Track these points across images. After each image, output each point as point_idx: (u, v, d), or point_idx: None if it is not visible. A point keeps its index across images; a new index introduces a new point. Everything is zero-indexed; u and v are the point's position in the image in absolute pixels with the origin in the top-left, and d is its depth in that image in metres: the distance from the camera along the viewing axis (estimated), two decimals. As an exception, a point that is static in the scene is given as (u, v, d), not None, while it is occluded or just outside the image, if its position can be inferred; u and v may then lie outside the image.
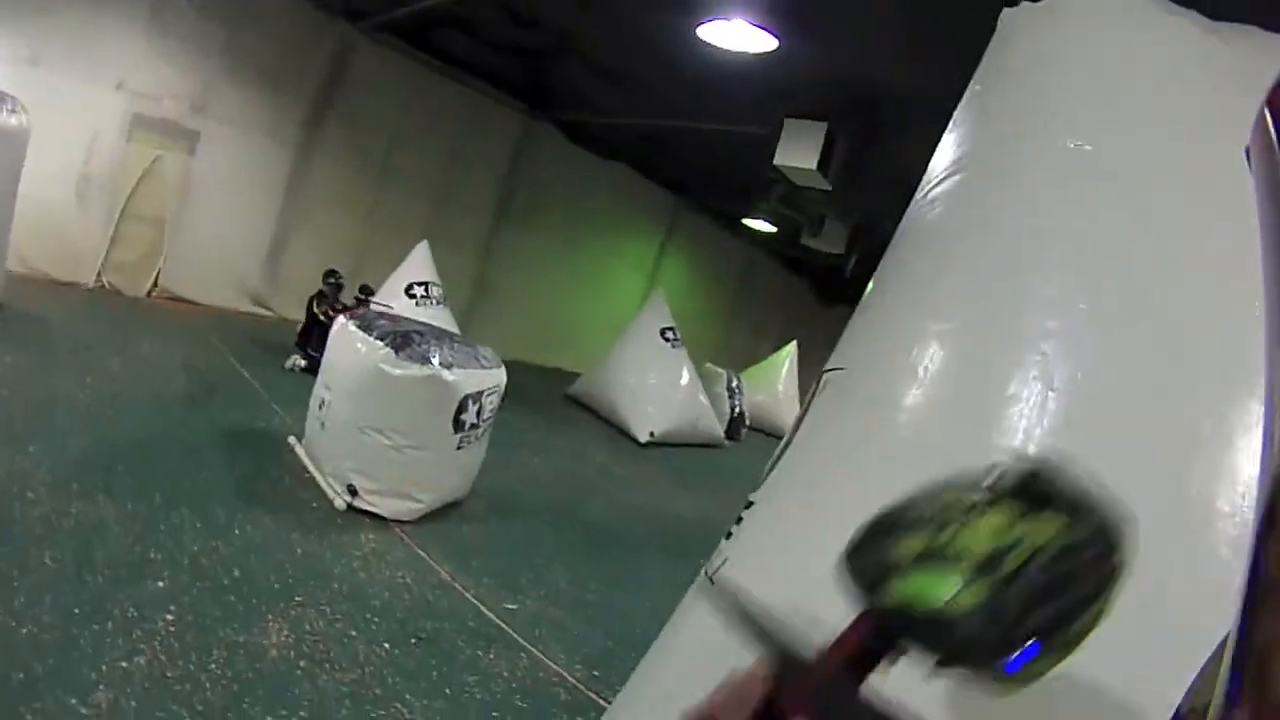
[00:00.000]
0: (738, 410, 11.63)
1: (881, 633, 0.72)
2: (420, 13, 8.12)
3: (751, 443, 11.99)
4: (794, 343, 14.08)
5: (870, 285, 2.04)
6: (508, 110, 10.93)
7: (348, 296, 7.91)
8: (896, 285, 1.89)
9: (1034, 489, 0.71)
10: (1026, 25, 1.80)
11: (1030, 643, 0.65)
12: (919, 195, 1.91)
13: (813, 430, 1.76)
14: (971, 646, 0.66)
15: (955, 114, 1.98)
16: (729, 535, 1.84)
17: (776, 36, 6.03)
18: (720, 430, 10.71)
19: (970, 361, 1.48)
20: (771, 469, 1.85)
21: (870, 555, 0.76)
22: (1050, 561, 0.66)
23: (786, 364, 13.84)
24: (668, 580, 5.02)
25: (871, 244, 10.80)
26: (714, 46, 6.50)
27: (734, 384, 11.82)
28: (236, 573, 3.38)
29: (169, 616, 2.88)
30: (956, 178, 1.76)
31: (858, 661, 0.72)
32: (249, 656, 2.79)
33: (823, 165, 7.36)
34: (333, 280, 7.86)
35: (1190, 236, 1.33)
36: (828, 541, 0.79)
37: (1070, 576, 0.67)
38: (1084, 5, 1.66)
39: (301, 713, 2.59)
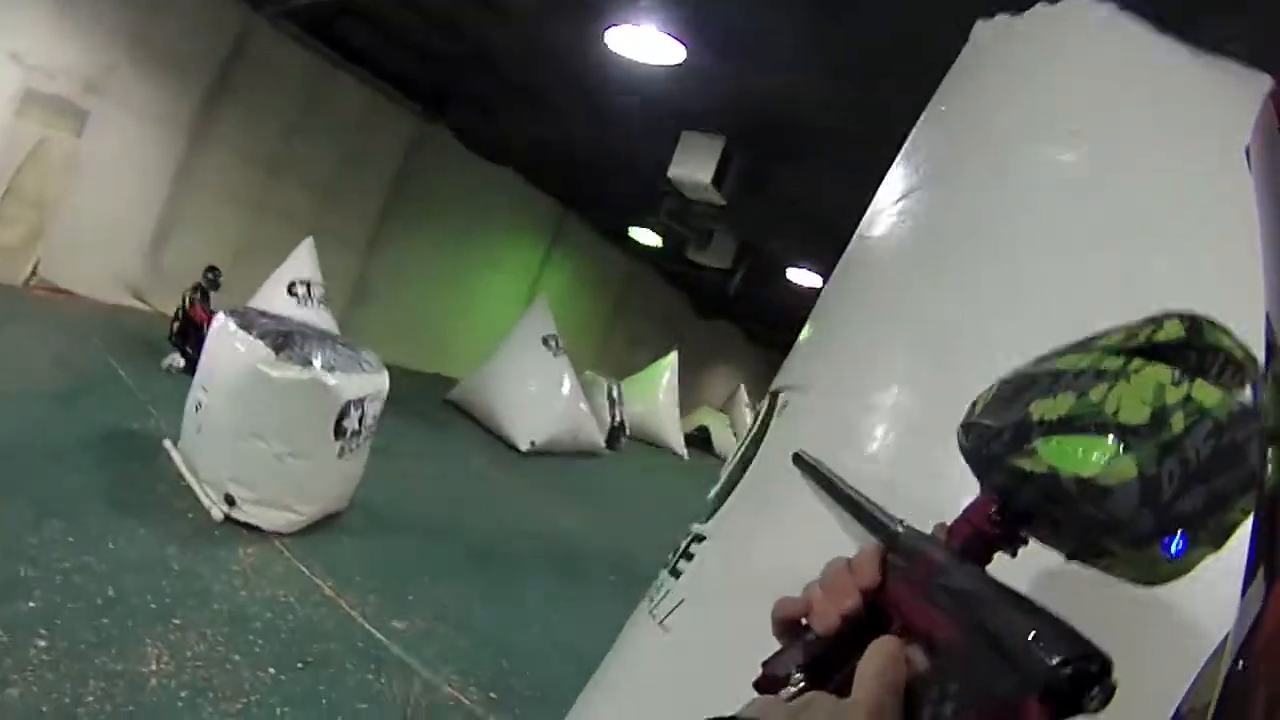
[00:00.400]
0: (618, 419, 11.66)
1: (1006, 515, 0.65)
2: (326, 2, 7.82)
3: (632, 452, 12.06)
4: (674, 353, 14.23)
5: (824, 299, 1.94)
6: (404, 111, 10.66)
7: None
8: (859, 300, 1.77)
9: (1198, 344, 0.62)
10: (1000, 36, 1.76)
11: (1182, 530, 0.57)
12: (880, 207, 1.86)
13: (772, 455, 1.63)
14: (1130, 521, 0.57)
15: (914, 134, 1.95)
16: (675, 572, 1.70)
17: (685, 46, 6.04)
18: (601, 439, 10.70)
19: (944, 387, 1.41)
20: (722, 496, 1.73)
21: (999, 420, 0.67)
22: (1217, 429, 0.57)
23: (667, 374, 13.97)
24: (553, 597, 5.02)
25: (758, 260, 11.04)
26: (620, 56, 6.48)
27: (614, 393, 11.85)
28: (111, 592, 3.12)
29: (41, 643, 2.62)
30: (921, 192, 1.73)
31: (975, 549, 0.65)
32: (128, 687, 2.57)
33: (718, 180, 7.43)
34: (211, 276, 7.47)
35: (1177, 248, 1.28)
36: (803, 577, 0.70)
37: (1233, 452, 0.57)
38: (1060, 18, 1.62)
39: (187, 750, 2.40)
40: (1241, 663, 0.40)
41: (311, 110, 9.82)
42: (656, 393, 13.90)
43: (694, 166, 7.49)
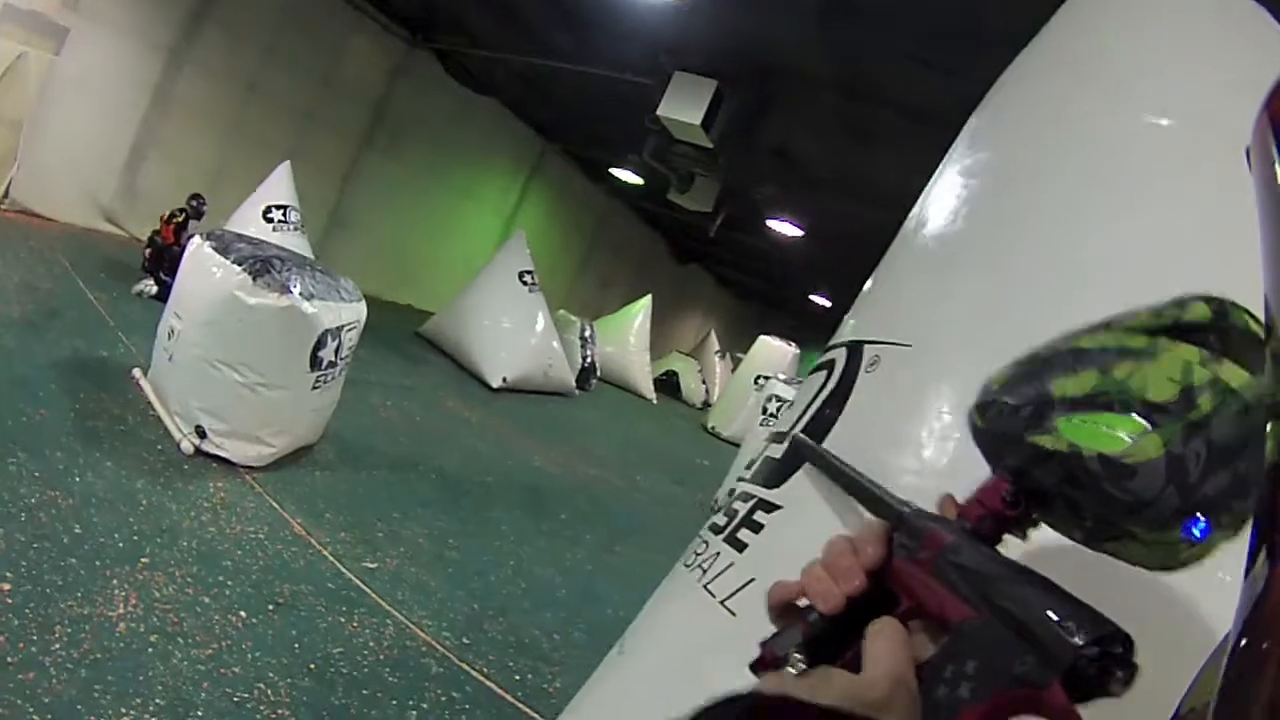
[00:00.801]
0: (589, 360, 11.58)
1: (1020, 496, 0.63)
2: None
3: (601, 393, 12.02)
4: (649, 296, 14.13)
5: (908, 247, 1.74)
6: (388, 36, 10.32)
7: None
8: (963, 254, 1.54)
9: (1224, 326, 0.60)
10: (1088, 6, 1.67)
11: (1206, 512, 0.56)
12: (961, 156, 1.73)
13: (864, 415, 1.45)
14: (1154, 501, 0.56)
15: (993, 93, 1.84)
16: (736, 542, 1.49)
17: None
18: (572, 379, 10.62)
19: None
20: (790, 460, 1.51)
21: (1018, 397, 0.65)
22: (1244, 410, 0.56)
23: (640, 317, 13.89)
24: (524, 535, 4.99)
25: (739, 207, 10.92)
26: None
27: (587, 333, 11.75)
28: (77, 529, 2.98)
29: (5, 586, 2.48)
30: (1009, 147, 1.63)
31: (986, 530, 0.63)
32: (96, 633, 2.45)
33: (707, 123, 7.31)
34: (195, 203, 7.22)
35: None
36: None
37: (1256, 435, 0.54)
38: None
39: (158, 700, 2.29)
40: (1245, 641, 0.40)
41: (292, 33, 9.46)
42: (628, 335, 13.83)
43: (684, 107, 7.35)
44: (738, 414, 12.90)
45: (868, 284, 1.87)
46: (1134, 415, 0.57)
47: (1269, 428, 0.44)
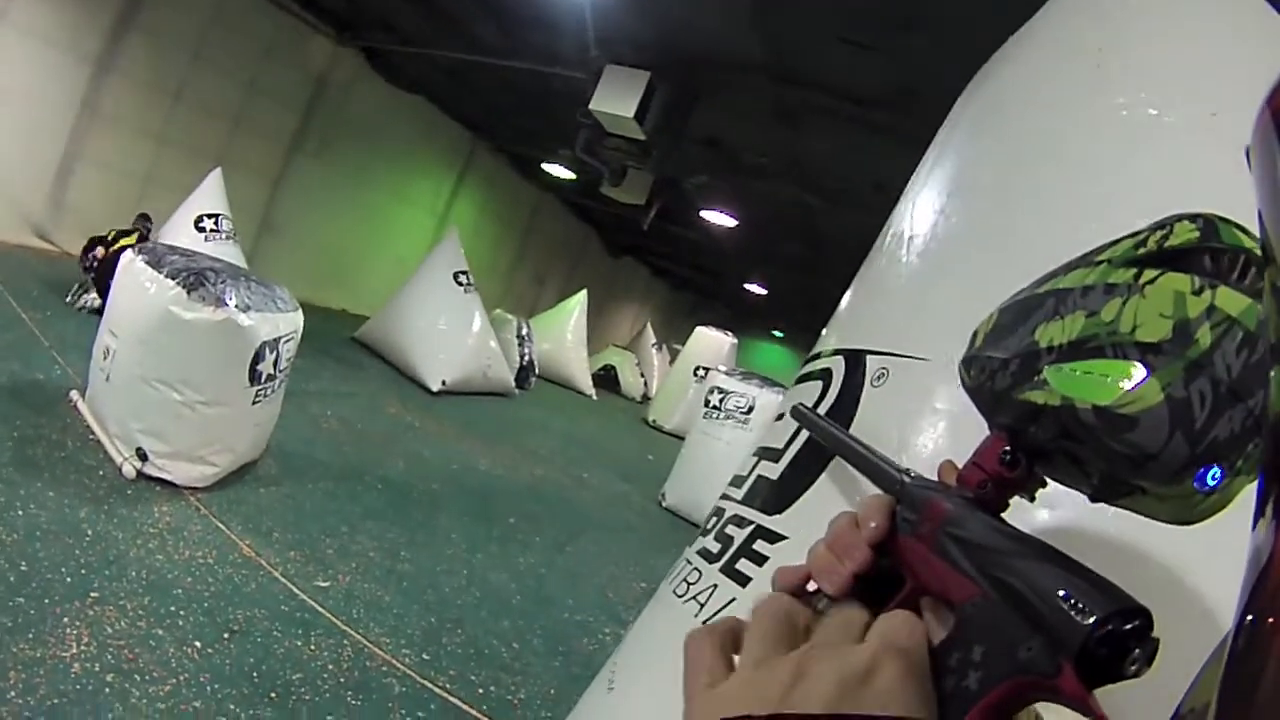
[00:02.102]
0: (527, 358, 11.51)
1: (1019, 455, 0.58)
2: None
3: (541, 391, 11.97)
4: (584, 291, 14.10)
5: (900, 250, 1.62)
6: (315, 36, 10.05)
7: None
8: (976, 261, 1.43)
9: (1215, 245, 0.54)
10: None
11: (1219, 459, 0.50)
12: (953, 151, 1.66)
13: (873, 435, 1.33)
14: (1159, 452, 0.50)
15: (976, 85, 1.75)
16: (735, 574, 1.42)
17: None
18: (511, 378, 10.55)
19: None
20: (791, 484, 1.45)
21: (1003, 350, 0.61)
22: (1248, 339, 0.50)
23: (576, 312, 13.84)
24: (475, 542, 4.96)
25: (674, 197, 10.97)
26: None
27: (524, 331, 11.67)
28: (23, 565, 2.87)
29: (-49, 632, 2.40)
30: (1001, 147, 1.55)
31: (989, 496, 0.58)
32: (51, 676, 2.36)
33: (640, 114, 7.31)
34: (145, 225, 7.11)
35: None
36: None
37: (1265, 367, 0.49)
38: None
39: (120, 742, 2.25)
40: (1250, 617, 0.36)
41: (218, 37, 9.18)
42: (565, 331, 13.78)
43: (617, 100, 7.33)
44: (678, 406, 12.97)
45: (853, 287, 1.79)
46: (1128, 359, 0.52)
47: (1272, 374, 0.40)
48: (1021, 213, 1.41)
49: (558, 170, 12.67)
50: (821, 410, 1.49)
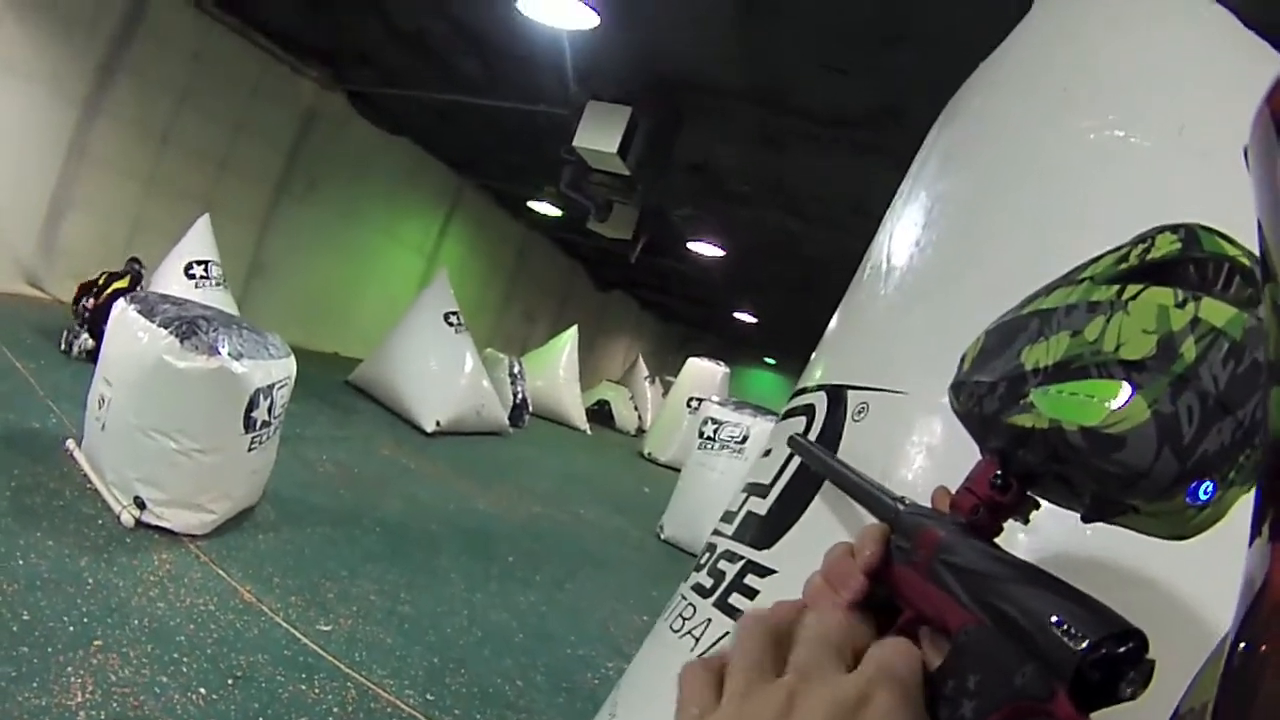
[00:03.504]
0: (520, 396, 11.52)
1: (1011, 479, 0.57)
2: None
3: (535, 429, 11.96)
4: (574, 327, 14.14)
5: (879, 283, 1.63)
6: (300, 79, 10.15)
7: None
8: (953, 292, 1.43)
9: (1198, 255, 0.54)
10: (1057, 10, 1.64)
11: (1210, 473, 0.50)
12: (928, 179, 1.68)
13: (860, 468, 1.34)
14: (1149, 470, 0.50)
15: (959, 95, 1.78)
16: (728, 609, 1.43)
17: (597, 12, 5.90)
18: (505, 417, 10.56)
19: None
20: (781, 518, 1.45)
21: (989, 374, 0.60)
22: (1235, 350, 0.49)
23: (567, 348, 13.87)
24: (475, 582, 4.96)
25: (660, 230, 11.08)
26: (530, 20, 6.31)
27: (516, 369, 11.69)
28: (25, 615, 2.87)
29: (-43, 685, 2.40)
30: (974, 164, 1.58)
31: (983, 521, 0.58)
32: (56, 726, 2.39)
33: (623, 150, 7.38)
34: (137, 267, 7.09)
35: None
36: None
37: (1258, 374, 0.49)
38: None
39: (129, 791, 2.25)
40: (1243, 643, 0.35)
41: (204, 79, 9.23)
42: (557, 368, 13.79)
43: (599, 136, 7.39)
44: (673, 438, 12.97)
45: (835, 320, 1.81)
46: (1113, 378, 0.52)
47: (1273, 394, 0.39)
48: (993, 243, 1.43)
49: (544, 207, 12.77)
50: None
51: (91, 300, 6.70)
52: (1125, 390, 0.51)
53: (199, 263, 7.37)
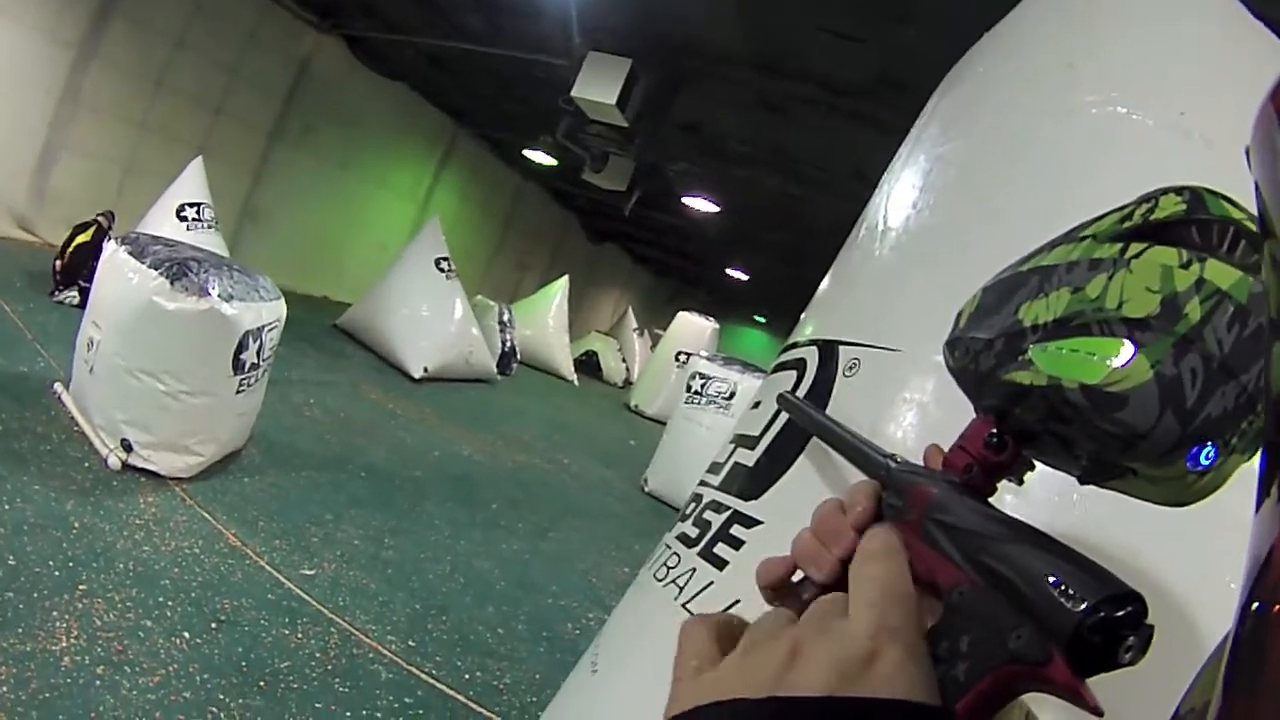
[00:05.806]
0: (509, 344, 11.50)
1: (1006, 438, 0.56)
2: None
3: (523, 378, 11.98)
4: (566, 277, 14.09)
5: (874, 242, 1.64)
6: (297, 23, 9.95)
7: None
8: (948, 252, 1.44)
9: (1202, 217, 0.53)
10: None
11: (1212, 437, 0.49)
12: (928, 142, 1.68)
13: (849, 423, 1.33)
14: (1150, 431, 0.48)
15: (958, 69, 1.77)
16: (714, 559, 1.43)
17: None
18: (493, 365, 10.56)
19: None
20: (768, 469, 1.45)
21: (987, 330, 0.59)
22: (1239, 313, 0.48)
23: (558, 298, 13.84)
24: (459, 528, 5.00)
25: (655, 184, 10.98)
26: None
27: (505, 317, 11.65)
28: (11, 559, 2.88)
29: (-58, 627, 2.42)
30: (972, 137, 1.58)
31: (976, 480, 0.57)
32: (41, 668, 2.39)
33: (622, 102, 7.30)
34: (107, 221, 6.97)
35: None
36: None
37: (1262, 338, 0.48)
38: None
39: (112, 733, 2.28)
40: (1257, 605, 0.35)
41: (200, 24, 9.05)
42: (546, 318, 13.77)
43: (599, 87, 7.30)
44: (660, 391, 13.03)
45: (829, 278, 1.81)
46: (1115, 335, 0.50)
47: (1275, 351, 0.38)
48: (991, 208, 1.42)
49: (539, 156, 12.63)
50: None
51: (59, 261, 6.68)
52: (1127, 348, 0.50)
53: (191, 205, 7.30)
